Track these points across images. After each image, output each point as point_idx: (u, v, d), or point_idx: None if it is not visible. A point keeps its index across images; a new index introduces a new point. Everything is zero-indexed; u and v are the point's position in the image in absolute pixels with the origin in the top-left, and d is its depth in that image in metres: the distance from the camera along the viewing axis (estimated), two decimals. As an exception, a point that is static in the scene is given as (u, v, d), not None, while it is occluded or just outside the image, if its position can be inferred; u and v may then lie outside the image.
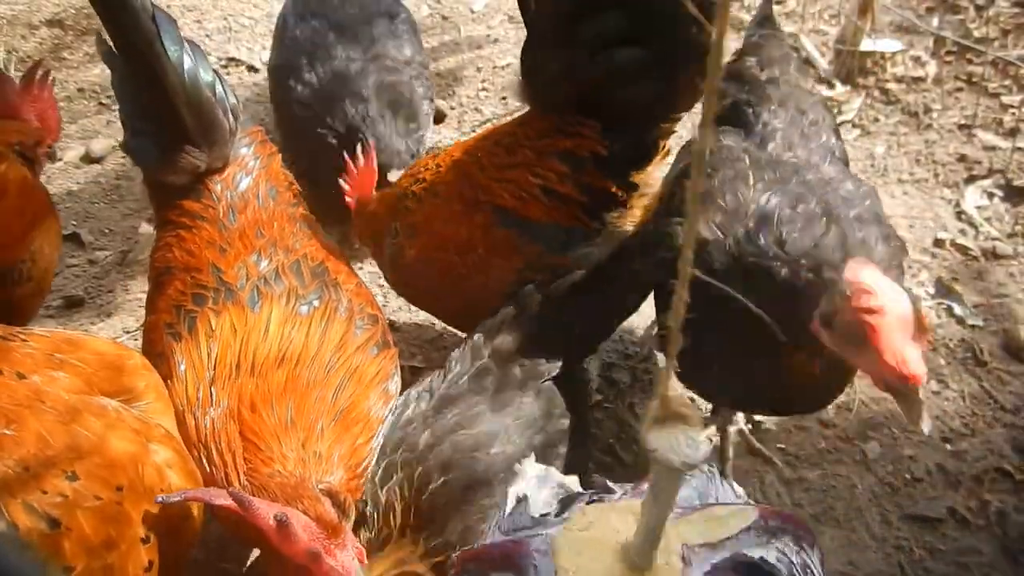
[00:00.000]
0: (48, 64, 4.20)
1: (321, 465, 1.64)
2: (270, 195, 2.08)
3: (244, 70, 4.35)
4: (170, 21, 1.95)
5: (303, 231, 2.06)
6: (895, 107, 3.94)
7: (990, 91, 3.91)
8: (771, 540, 1.20)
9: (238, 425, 1.65)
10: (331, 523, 1.41)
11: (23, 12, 4.66)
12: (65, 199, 3.51)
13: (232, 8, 4.84)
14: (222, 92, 2.03)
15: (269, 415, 1.67)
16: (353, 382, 1.81)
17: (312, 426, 1.69)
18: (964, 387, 2.78)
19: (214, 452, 1.63)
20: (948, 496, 2.47)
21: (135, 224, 3.40)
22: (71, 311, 3.03)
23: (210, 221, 1.98)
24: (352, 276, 2.07)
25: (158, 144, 2.01)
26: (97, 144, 3.78)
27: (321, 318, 1.85)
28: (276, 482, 1.52)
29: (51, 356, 1.43)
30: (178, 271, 1.92)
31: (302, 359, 1.78)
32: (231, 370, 1.72)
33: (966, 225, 3.33)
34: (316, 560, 1.35)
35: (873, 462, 2.57)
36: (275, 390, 1.71)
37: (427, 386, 1.94)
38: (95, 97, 4.13)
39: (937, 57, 4.11)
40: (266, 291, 1.85)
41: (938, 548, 2.36)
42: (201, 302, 1.83)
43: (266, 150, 2.17)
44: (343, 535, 1.42)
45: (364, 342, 1.89)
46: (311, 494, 1.46)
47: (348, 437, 1.74)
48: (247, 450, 1.62)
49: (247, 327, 1.79)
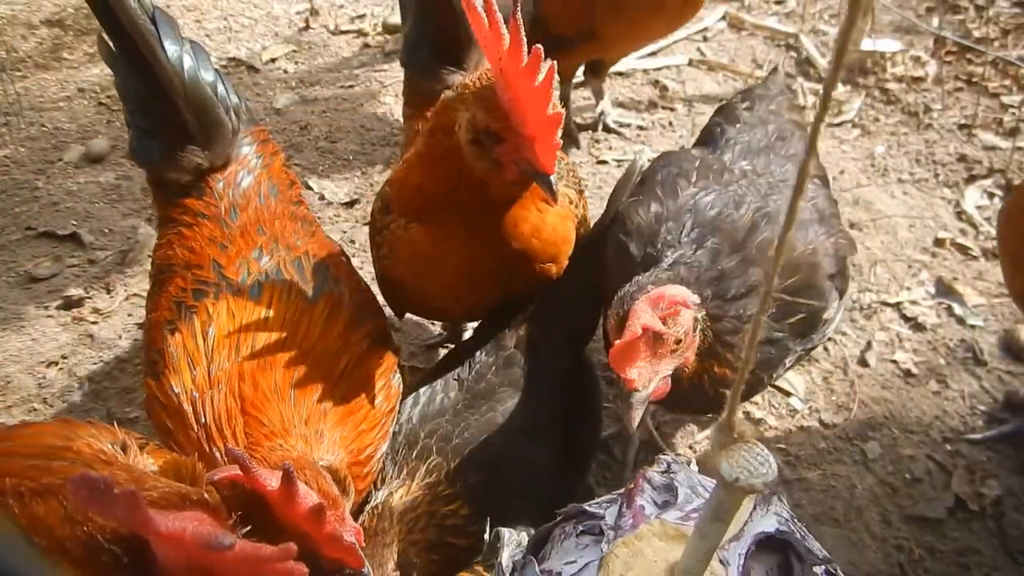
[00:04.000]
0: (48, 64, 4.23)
1: (323, 444, 1.63)
2: (272, 193, 2.08)
3: (244, 70, 4.35)
4: (170, 21, 1.95)
5: (305, 229, 2.06)
6: (895, 107, 3.94)
7: (990, 91, 3.91)
8: (769, 508, 1.20)
9: (239, 402, 1.64)
10: (332, 496, 1.40)
11: (23, 12, 4.66)
12: (65, 199, 3.51)
13: (232, 8, 4.84)
14: (224, 92, 2.04)
15: (271, 391, 1.66)
16: (357, 371, 1.81)
17: (315, 406, 1.68)
18: (964, 387, 2.78)
19: (214, 431, 1.61)
20: (948, 496, 2.47)
21: (135, 224, 3.40)
22: (71, 311, 3.03)
23: (212, 218, 1.98)
24: (353, 275, 2.07)
25: (161, 142, 2.02)
26: (97, 144, 3.78)
27: (323, 310, 1.85)
28: (277, 455, 1.50)
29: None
30: (179, 268, 1.92)
31: (305, 343, 1.77)
32: (230, 351, 1.72)
33: (966, 225, 3.33)
34: (319, 520, 1.31)
35: (873, 462, 2.57)
36: (278, 369, 1.70)
37: (454, 376, 2.01)
38: (95, 97, 4.13)
39: (937, 57, 4.12)
40: (267, 284, 1.85)
41: (938, 548, 2.36)
42: (201, 297, 1.82)
43: (268, 149, 2.17)
44: (342, 510, 1.41)
45: (366, 335, 1.88)
46: (313, 467, 1.45)
47: (351, 422, 1.73)
48: (248, 425, 1.60)
49: (246, 312, 1.79)
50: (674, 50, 4.45)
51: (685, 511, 1.23)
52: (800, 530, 1.23)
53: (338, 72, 4.37)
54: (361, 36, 4.59)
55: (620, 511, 1.27)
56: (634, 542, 1.16)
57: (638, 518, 1.22)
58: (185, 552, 1.07)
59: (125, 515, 0.99)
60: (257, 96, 4.16)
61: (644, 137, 3.92)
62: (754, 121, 2.31)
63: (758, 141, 2.22)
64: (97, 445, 1.26)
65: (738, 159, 2.14)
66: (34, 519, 1.05)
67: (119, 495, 0.97)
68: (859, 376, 2.82)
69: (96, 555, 1.05)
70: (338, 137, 3.94)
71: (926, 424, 2.68)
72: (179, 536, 1.03)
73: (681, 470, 1.38)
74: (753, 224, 1.86)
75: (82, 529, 1.05)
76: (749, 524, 1.16)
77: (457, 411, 1.94)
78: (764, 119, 2.33)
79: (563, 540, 1.31)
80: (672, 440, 2.65)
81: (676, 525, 1.19)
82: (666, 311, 1.57)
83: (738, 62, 4.37)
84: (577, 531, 1.31)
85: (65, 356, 2.87)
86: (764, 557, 1.15)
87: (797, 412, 2.72)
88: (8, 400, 2.72)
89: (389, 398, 1.87)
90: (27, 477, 1.10)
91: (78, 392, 2.75)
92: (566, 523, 1.37)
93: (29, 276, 3.16)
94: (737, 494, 0.87)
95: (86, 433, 1.28)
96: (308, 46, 4.56)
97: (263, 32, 4.65)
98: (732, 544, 1.12)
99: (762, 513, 1.19)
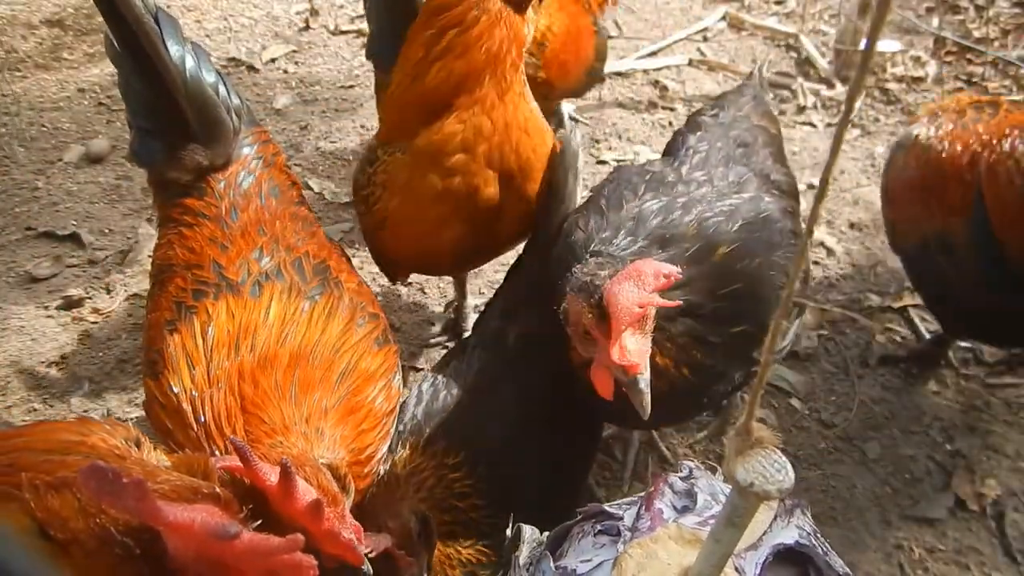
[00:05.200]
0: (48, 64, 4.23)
1: (323, 442, 1.62)
2: (272, 194, 2.08)
3: (244, 70, 4.35)
4: (172, 21, 1.96)
5: (306, 230, 2.06)
6: (895, 107, 3.94)
7: (990, 91, 3.91)
8: (791, 520, 1.20)
9: (239, 400, 1.62)
10: (331, 493, 1.39)
11: (23, 12, 4.66)
12: (65, 199, 3.51)
13: (232, 8, 4.84)
14: (225, 93, 2.04)
15: (272, 390, 1.64)
16: (357, 370, 1.80)
17: (316, 404, 1.67)
18: (964, 387, 2.78)
19: (214, 429, 1.60)
20: (948, 496, 2.47)
21: (135, 224, 3.40)
22: (71, 311, 3.03)
23: (212, 219, 1.98)
24: (354, 275, 2.07)
25: (162, 142, 2.02)
26: (97, 144, 3.78)
27: (323, 310, 1.85)
28: (278, 452, 1.49)
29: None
30: (179, 268, 1.92)
31: (305, 342, 1.76)
32: (230, 351, 1.71)
33: (966, 225, 3.33)
34: (317, 516, 1.30)
35: (873, 462, 2.57)
36: (278, 366, 1.69)
37: (452, 372, 2.03)
38: (95, 97, 4.13)
39: (937, 57, 4.12)
40: (267, 285, 1.85)
41: (938, 548, 2.36)
42: (201, 297, 1.82)
43: (269, 150, 2.17)
44: (342, 506, 1.41)
45: (366, 335, 1.88)
46: (313, 463, 1.44)
47: (352, 421, 1.73)
48: (248, 423, 1.59)
49: (246, 311, 1.78)
50: (674, 50, 4.45)
51: (703, 517, 1.23)
52: (823, 545, 1.22)
53: (338, 72, 4.38)
54: (361, 36, 4.59)
55: (638, 513, 1.27)
56: (649, 544, 1.16)
57: (656, 521, 1.22)
58: (194, 543, 1.07)
59: (133, 505, 1.00)
60: (257, 96, 4.16)
61: (644, 137, 3.92)
62: (716, 128, 2.22)
63: (718, 150, 2.12)
64: (112, 441, 1.27)
65: (694, 170, 2.04)
66: (49, 512, 1.06)
67: (127, 484, 0.98)
68: (859, 376, 2.82)
69: (109, 547, 1.07)
70: (338, 137, 3.94)
71: (926, 424, 2.68)
72: (188, 526, 1.04)
73: (703, 476, 1.38)
74: (697, 231, 1.79)
75: (95, 521, 1.07)
76: (768, 534, 1.16)
77: (461, 408, 1.96)
78: (727, 125, 2.23)
79: (581, 539, 1.32)
80: (672, 440, 2.65)
81: (693, 530, 1.19)
82: (656, 284, 1.51)
83: (738, 62, 4.38)
84: (595, 530, 1.32)
85: (65, 356, 2.87)
86: (782, 570, 1.15)
87: (797, 412, 2.72)
88: (8, 400, 2.72)
89: (389, 398, 1.87)
90: (42, 471, 1.12)
91: (78, 392, 2.75)
92: (585, 522, 1.37)
93: (29, 276, 3.16)
94: (752, 500, 0.86)
95: (101, 429, 1.30)
96: (308, 46, 4.56)
97: (263, 32, 4.65)
98: (749, 553, 1.12)
99: (783, 524, 1.19)
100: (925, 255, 2.24)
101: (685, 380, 1.74)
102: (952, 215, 2.09)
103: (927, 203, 2.22)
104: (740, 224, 1.82)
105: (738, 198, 1.91)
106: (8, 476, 1.10)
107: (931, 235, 2.18)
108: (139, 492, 0.98)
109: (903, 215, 2.40)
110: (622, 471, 2.54)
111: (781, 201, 2.02)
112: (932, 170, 2.23)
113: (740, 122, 2.26)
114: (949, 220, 2.10)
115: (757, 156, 2.16)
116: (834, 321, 2.99)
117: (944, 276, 2.20)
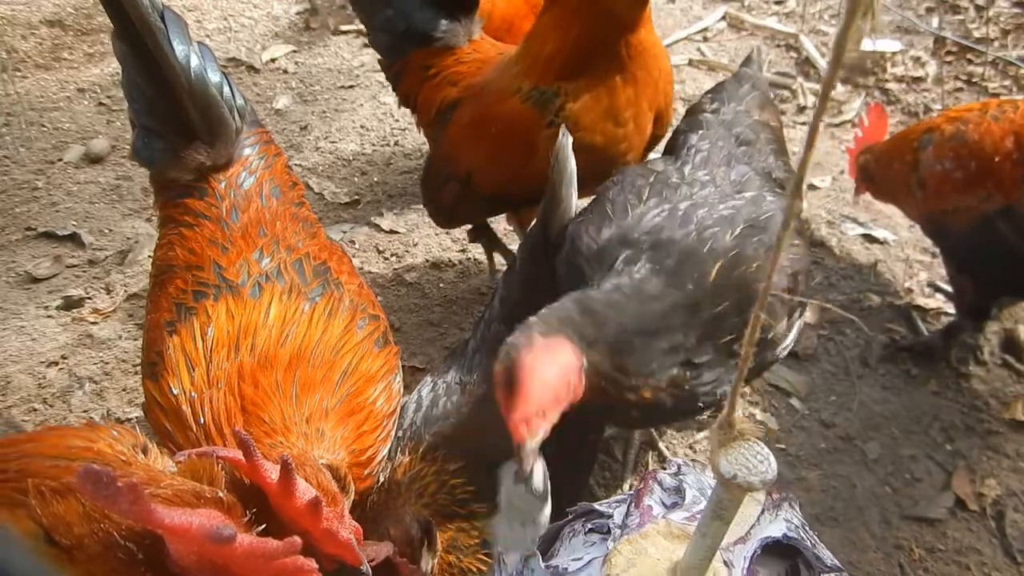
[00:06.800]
0: (48, 64, 4.23)
1: (324, 443, 1.61)
2: (273, 194, 2.08)
3: (244, 70, 4.35)
4: (179, 20, 1.96)
5: (306, 231, 2.06)
6: (895, 107, 3.94)
7: (990, 91, 3.91)
8: (778, 513, 1.21)
9: (239, 400, 1.62)
10: (331, 493, 1.39)
11: (23, 12, 4.66)
12: (65, 199, 3.51)
13: (232, 8, 4.84)
14: (229, 93, 2.04)
15: (272, 390, 1.64)
16: (358, 371, 1.80)
17: (317, 405, 1.67)
18: (964, 387, 2.78)
19: (213, 430, 1.59)
20: (948, 496, 2.48)
21: (135, 224, 3.40)
22: (71, 311, 3.03)
23: (213, 219, 1.98)
24: (354, 276, 2.07)
25: (165, 141, 2.02)
26: (97, 144, 3.78)
27: (324, 311, 1.85)
28: (278, 452, 1.49)
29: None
30: (180, 269, 1.92)
31: (306, 343, 1.76)
32: (230, 351, 1.71)
33: (966, 225, 3.33)
34: (316, 514, 1.29)
35: (873, 462, 2.57)
36: (278, 368, 1.69)
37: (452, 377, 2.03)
38: (95, 97, 4.13)
39: (937, 57, 4.12)
40: (268, 286, 1.85)
41: (938, 548, 2.36)
42: (201, 298, 1.82)
43: (271, 150, 2.17)
44: (341, 507, 1.41)
45: (367, 336, 1.88)
46: (313, 463, 1.44)
47: (352, 422, 1.72)
48: (248, 423, 1.59)
49: (246, 312, 1.78)
50: (674, 50, 4.45)
51: (692, 512, 1.24)
52: (811, 538, 1.23)
53: (338, 72, 4.38)
54: (361, 36, 4.59)
55: (628, 511, 1.27)
56: (639, 540, 1.17)
57: (645, 518, 1.23)
58: (194, 546, 1.07)
59: (127, 508, 1.00)
60: (257, 96, 4.16)
61: (644, 137, 3.92)
62: (718, 126, 2.19)
63: (720, 149, 2.09)
64: (118, 447, 1.27)
65: (697, 169, 2.02)
66: (55, 517, 1.07)
67: (122, 487, 0.98)
68: (859, 376, 2.82)
69: (112, 551, 1.07)
70: (338, 137, 3.94)
71: (926, 424, 2.68)
72: (185, 529, 1.04)
73: (691, 472, 1.38)
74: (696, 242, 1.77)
75: (99, 526, 1.07)
76: (756, 528, 1.16)
77: (461, 413, 1.95)
78: (729, 122, 2.20)
79: (571, 538, 1.32)
80: (672, 440, 2.65)
81: (681, 525, 1.19)
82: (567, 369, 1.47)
83: (738, 62, 4.36)
84: (586, 529, 1.32)
85: (65, 356, 2.87)
86: (771, 562, 1.16)
87: (797, 412, 2.72)
88: (8, 400, 2.72)
89: (390, 400, 1.87)
90: (48, 477, 1.13)
91: (78, 392, 2.75)
92: (575, 521, 1.38)
93: (29, 276, 3.16)
94: (736, 492, 0.87)
95: (108, 435, 1.30)
96: (308, 46, 4.56)
97: (263, 32, 4.65)
98: (738, 546, 1.13)
99: (771, 518, 1.19)
100: (983, 231, 2.54)
101: (674, 398, 1.72)
102: (1014, 189, 2.44)
103: (981, 186, 2.51)
104: (740, 229, 1.81)
105: (740, 199, 1.90)
106: (17, 482, 1.10)
107: (993, 212, 2.49)
108: (133, 495, 0.98)
109: (950, 204, 2.63)
110: (622, 471, 2.55)
111: (783, 200, 2.00)
112: (977, 160, 2.52)
113: (741, 118, 2.24)
114: (1011, 194, 2.44)
115: (759, 154, 2.15)
116: (834, 321, 2.99)
117: (1007, 242, 2.51)
